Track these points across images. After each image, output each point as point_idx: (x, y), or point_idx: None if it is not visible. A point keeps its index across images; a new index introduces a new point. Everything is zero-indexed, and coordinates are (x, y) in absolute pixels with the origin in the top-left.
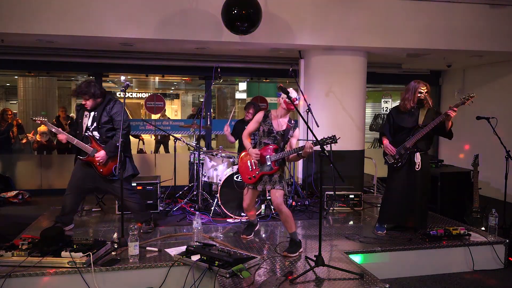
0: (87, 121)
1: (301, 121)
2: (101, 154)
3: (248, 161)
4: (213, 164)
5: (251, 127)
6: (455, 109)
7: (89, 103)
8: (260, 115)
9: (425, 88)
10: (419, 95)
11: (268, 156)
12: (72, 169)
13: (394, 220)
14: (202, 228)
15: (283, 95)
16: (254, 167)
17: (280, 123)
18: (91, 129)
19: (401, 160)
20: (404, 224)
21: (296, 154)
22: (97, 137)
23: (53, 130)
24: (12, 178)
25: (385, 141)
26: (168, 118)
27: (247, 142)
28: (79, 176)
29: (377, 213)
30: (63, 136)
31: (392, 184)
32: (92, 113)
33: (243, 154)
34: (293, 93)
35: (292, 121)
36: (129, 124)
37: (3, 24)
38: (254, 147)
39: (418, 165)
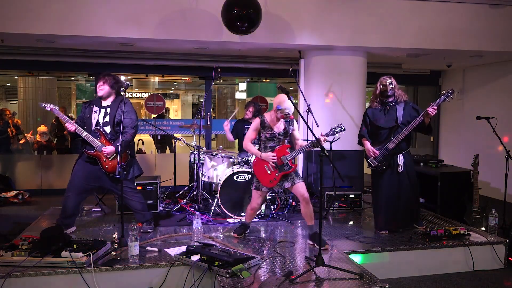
0: (98, 116)
1: (301, 121)
2: (108, 149)
3: (265, 165)
4: (213, 164)
5: (251, 135)
6: (435, 107)
7: (104, 90)
8: (257, 123)
9: (388, 80)
10: (380, 86)
11: (284, 156)
12: (72, 169)
13: (390, 226)
14: (202, 228)
15: (280, 108)
16: (273, 170)
17: (277, 125)
18: (101, 124)
19: (385, 163)
20: (405, 227)
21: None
22: (107, 132)
23: (62, 118)
24: (12, 178)
25: (367, 144)
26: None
27: (254, 150)
28: (81, 175)
29: None
30: (71, 126)
31: (379, 190)
32: (104, 109)
33: (255, 159)
34: (289, 108)
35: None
36: (137, 124)
37: (3, 24)
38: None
39: (401, 166)
